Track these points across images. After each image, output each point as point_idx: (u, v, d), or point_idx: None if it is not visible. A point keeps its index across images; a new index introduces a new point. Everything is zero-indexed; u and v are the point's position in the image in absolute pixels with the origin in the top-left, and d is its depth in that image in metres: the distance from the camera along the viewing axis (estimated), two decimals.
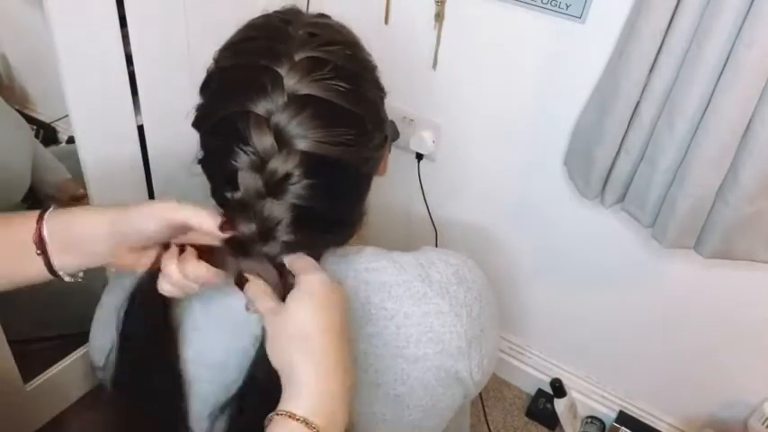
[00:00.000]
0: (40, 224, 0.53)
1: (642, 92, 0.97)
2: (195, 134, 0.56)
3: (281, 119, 0.50)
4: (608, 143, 1.03)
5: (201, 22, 1.13)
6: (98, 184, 1.11)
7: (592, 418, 1.46)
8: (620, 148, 1.04)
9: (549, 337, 1.51)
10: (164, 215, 0.51)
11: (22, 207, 1.30)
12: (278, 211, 0.51)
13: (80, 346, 1.34)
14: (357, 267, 0.60)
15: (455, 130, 1.32)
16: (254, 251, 0.52)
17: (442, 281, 0.60)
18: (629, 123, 1.01)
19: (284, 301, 0.51)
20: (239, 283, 0.54)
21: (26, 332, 1.27)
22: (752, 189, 0.92)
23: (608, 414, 1.44)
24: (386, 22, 1.27)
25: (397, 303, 0.58)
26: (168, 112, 1.09)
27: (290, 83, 0.50)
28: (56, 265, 0.54)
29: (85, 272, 0.56)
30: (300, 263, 0.53)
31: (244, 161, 0.50)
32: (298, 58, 0.51)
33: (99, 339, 0.66)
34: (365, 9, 1.28)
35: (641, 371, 1.39)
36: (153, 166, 1.19)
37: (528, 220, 1.36)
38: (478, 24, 1.18)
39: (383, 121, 0.59)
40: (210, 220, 0.50)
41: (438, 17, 1.20)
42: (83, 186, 1.12)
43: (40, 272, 0.54)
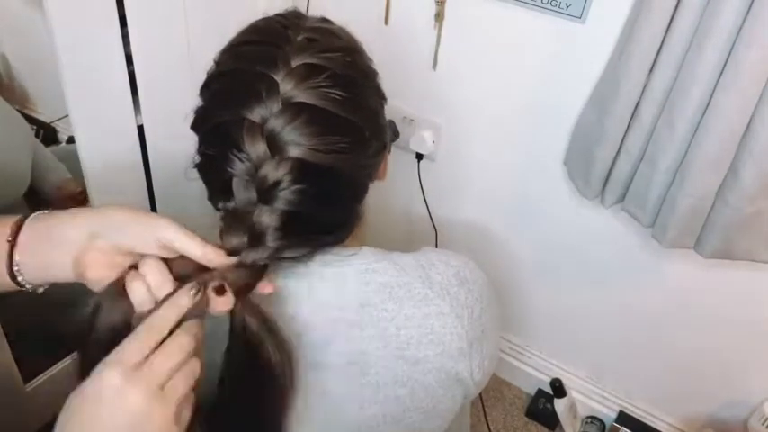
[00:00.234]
0: (19, 224, 0.52)
1: (642, 92, 0.97)
2: (195, 135, 0.56)
3: (275, 125, 0.49)
4: (608, 143, 1.03)
5: (201, 22, 1.13)
6: (98, 184, 1.11)
7: (592, 418, 1.46)
8: (620, 148, 1.04)
9: (549, 337, 1.51)
10: (163, 234, 0.49)
11: (23, 206, 1.30)
12: (268, 218, 0.51)
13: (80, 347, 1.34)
14: (357, 268, 0.59)
15: (455, 130, 1.32)
16: (241, 260, 0.51)
17: (443, 282, 0.60)
18: (629, 123, 1.01)
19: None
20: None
21: (26, 332, 1.27)
22: (752, 189, 0.92)
23: (608, 414, 1.44)
24: (386, 22, 1.27)
25: (398, 305, 0.58)
26: (168, 112, 1.09)
27: (285, 90, 0.50)
28: (19, 269, 0.52)
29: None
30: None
31: (237, 168, 0.50)
32: (295, 64, 0.51)
33: None
34: (365, 9, 1.28)
35: (641, 371, 1.39)
36: (153, 166, 1.19)
37: (528, 219, 1.36)
38: (478, 24, 1.18)
39: (382, 129, 0.59)
40: (211, 251, 0.49)
41: (438, 17, 1.20)
42: (83, 186, 1.12)
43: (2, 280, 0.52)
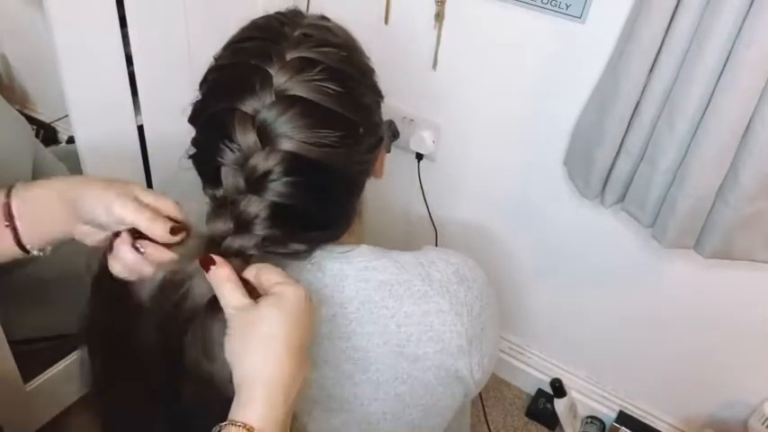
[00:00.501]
0: (8, 199, 0.54)
1: (642, 92, 0.97)
2: (194, 132, 0.57)
3: (266, 117, 0.50)
4: (608, 143, 1.03)
5: (201, 22, 1.13)
6: None
7: (592, 418, 1.46)
8: (620, 149, 1.04)
9: (549, 337, 1.51)
10: (113, 211, 0.50)
11: None
12: (256, 208, 0.51)
13: (80, 347, 1.34)
14: (357, 266, 0.60)
15: (455, 130, 1.32)
16: (226, 245, 0.52)
17: (443, 280, 0.60)
18: (629, 123, 1.01)
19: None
20: (205, 262, 0.50)
21: (26, 332, 1.27)
22: (752, 189, 0.92)
23: (608, 414, 1.44)
24: (386, 22, 1.27)
25: (398, 302, 0.58)
26: (168, 112, 1.09)
27: (278, 82, 0.50)
28: (23, 239, 0.54)
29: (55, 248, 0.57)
30: (273, 273, 0.51)
31: (227, 157, 0.51)
32: (289, 57, 0.51)
33: None
34: (365, 9, 1.28)
35: (641, 371, 1.39)
36: (153, 166, 1.19)
37: (528, 220, 1.36)
38: (478, 24, 1.18)
39: (377, 126, 0.59)
40: (159, 226, 0.50)
41: (438, 17, 1.20)
42: None
43: (9, 247, 0.54)
